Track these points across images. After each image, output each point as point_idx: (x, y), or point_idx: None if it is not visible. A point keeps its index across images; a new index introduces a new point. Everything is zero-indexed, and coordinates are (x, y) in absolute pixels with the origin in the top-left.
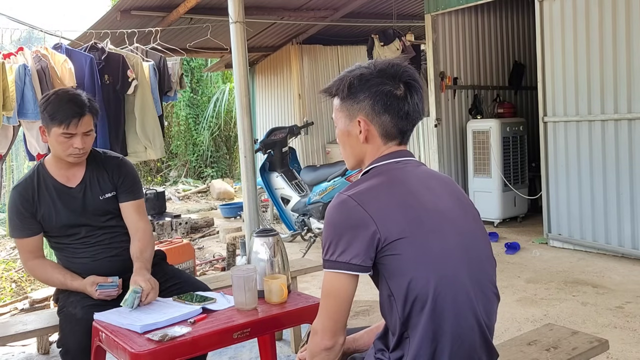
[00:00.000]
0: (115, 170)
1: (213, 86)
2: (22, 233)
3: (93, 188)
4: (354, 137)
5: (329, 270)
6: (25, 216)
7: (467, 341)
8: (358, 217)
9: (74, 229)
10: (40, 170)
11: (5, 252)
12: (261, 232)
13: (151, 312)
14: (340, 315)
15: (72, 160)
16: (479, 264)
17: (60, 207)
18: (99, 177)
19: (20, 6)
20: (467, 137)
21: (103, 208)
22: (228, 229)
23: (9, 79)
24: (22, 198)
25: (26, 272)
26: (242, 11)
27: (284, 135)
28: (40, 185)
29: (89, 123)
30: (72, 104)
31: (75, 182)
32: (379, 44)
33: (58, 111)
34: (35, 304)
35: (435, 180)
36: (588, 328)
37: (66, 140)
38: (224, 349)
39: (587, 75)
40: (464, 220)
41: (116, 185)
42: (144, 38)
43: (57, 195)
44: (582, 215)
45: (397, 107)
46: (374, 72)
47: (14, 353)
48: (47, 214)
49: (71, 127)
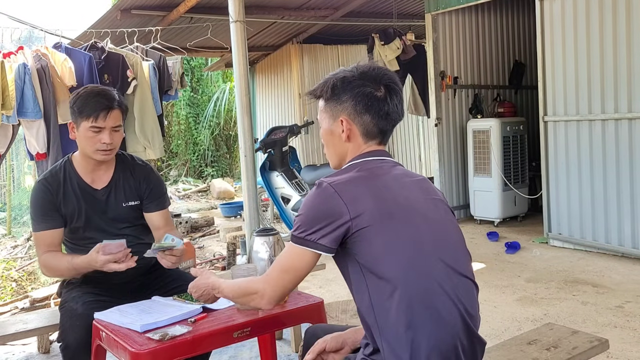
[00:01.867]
0: (143, 180)
1: (213, 85)
2: (44, 225)
3: (118, 194)
4: (337, 136)
5: (297, 245)
6: (49, 208)
7: (447, 327)
8: (334, 203)
9: (91, 232)
10: (67, 167)
11: (5, 251)
12: (261, 232)
13: (151, 311)
14: (291, 289)
15: (99, 157)
16: (452, 252)
17: (83, 208)
18: (125, 184)
19: (20, 5)
20: (468, 137)
21: (123, 215)
22: (228, 228)
23: (9, 78)
24: (47, 191)
25: (40, 265)
26: (242, 10)
27: (284, 134)
28: (66, 182)
29: (117, 118)
30: (102, 98)
31: (101, 184)
32: (380, 43)
33: (87, 104)
34: (35, 303)
35: (408, 178)
36: (588, 327)
37: (94, 135)
38: (224, 348)
39: (588, 75)
40: (434, 213)
41: (142, 195)
42: (144, 37)
43: (81, 194)
44: (582, 215)
45: (377, 108)
46: (356, 75)
47: (15, 352)
48: (70, 212)
49: (99, 120)
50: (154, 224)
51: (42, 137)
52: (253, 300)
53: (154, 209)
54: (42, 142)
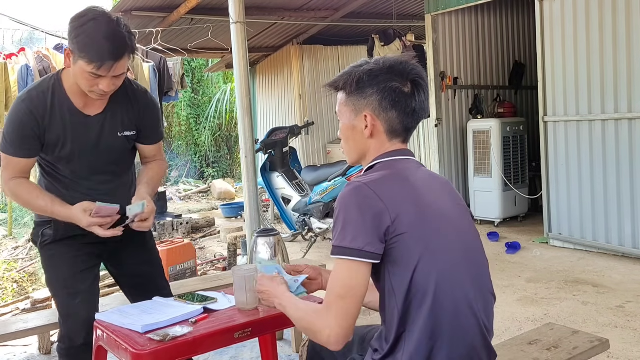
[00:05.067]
0: (143, 109)
1: (214, 86)
2: (18, 152)
3: (114, 122)
4: (359, 132)
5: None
6: (30, 136)
7: (467, 340)
8: (373, 204)
9: (73, 164)
10: (56, 88)
11: (7, 252)
12: (262, 232)
13: (152, 312)
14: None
15: (93, 97)
16: (477, 264)
17: (71, 136)
18: (123, 111)
19: (20, 7)
20: (468, 137)
21: (116, 146)
22: (229, 229)
23: (11, 79)
24: (31, 115)
25: (5, 188)
26: (242, 11)
27: (285, 135)
28: (54, 106)
29: (123, 66)
30: (110, 43)
31: (94, 111)
32: (380, 44)
33: (91, 46)
34: (36, 304)
35: (435, 182)
36: (589, 327)
37: (92, 79)
38: (225, 349)
39: (588, 75)
40: (461, 221)
41: (140, 125)
42: (145, 38)
43: (70, 121)
44: (582, 215)
45: (404, 104)
46: (383, 69)
47: (16, 353)
48: (55, 140)
49: (102, 70)
50: (146, 155)
51: None
52: (319, 339)
53: (147, 142)
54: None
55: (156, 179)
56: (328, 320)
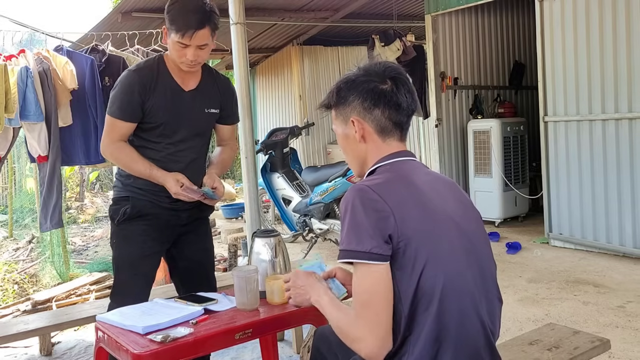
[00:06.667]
0: (225, 90)
1: None
2: (123, 115)
3: (203, 99)
4: (352, 139)
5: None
6: (135, 101)
7: (471, 343)
8: (379, 207)
9: (166, 129)
10: (160, 64)
11: (7, 253)
12: (262, 233)
13: (153, 313)
14: (388, 320)
15: (183, 67)
16: (483, 267)
17: (170, 106)
18: (210, 90)
19: (21, 8)
20: (468, 137)
21: (202, 121)
22: (229, 230)
23: (11, 80)
24: (141, 82)
25: (106, 151)
26: (242, 12)
27: (285, 136)
28: (159, 77)
29: (205, 37)
30: (193, 14)
31: (189, 86)
32: (380, 45)
33: (178, 18)
34: (37, 306)
35: (440, 183)
36: (589, 327)
37: (180, 49)
38: (226, 350)
39: (588, 75)
40: (467, 224)
41: (222, 104)
42: (145, 40)
43: (170, 92)
44: (583, 215)
45: (385, 100)
46: (359, 74)
47: (17, 354)
48: (156, 108)
49: (185, 38)
50: (222, 136)
51: (44, 140)
52: (356, 350)
53: (226, 122)
54: (44, 144)
55: (227, 160)
56: (361, 331)
